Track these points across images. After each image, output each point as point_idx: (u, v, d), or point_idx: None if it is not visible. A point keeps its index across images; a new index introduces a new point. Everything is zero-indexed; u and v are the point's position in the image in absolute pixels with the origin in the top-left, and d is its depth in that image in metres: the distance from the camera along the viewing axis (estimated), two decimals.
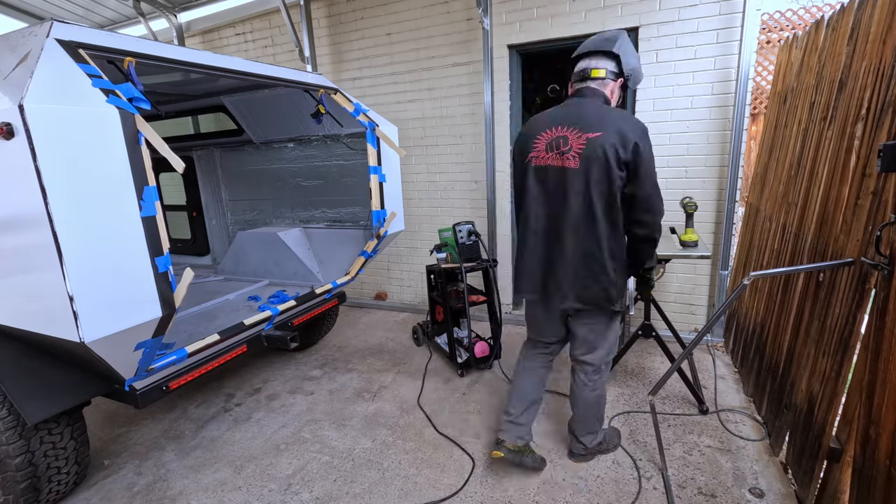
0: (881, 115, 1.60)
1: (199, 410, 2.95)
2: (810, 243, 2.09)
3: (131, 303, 1.72)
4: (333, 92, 3.00)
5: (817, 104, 2.25)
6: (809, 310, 2.02)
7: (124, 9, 4.86)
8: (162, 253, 1.78)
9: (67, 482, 2.15)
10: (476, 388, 3.04)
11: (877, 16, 1.71)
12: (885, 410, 1.39)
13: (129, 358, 1.85)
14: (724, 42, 3.10)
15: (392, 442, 2.53)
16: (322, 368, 3.44)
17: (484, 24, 3.58)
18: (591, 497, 2.06)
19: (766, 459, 2.23)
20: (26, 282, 1.70)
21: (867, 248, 1.59)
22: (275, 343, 2.68)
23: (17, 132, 1.44)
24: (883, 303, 1.46)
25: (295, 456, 2.46)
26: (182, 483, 2.31)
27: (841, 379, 1.70)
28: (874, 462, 1.43)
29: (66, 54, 1.61)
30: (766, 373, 2.46)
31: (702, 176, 3.34)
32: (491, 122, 3.81)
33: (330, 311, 3.67)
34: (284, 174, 3.82)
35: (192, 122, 4.69)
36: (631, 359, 3.28)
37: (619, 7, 3.30)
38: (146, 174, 1.71)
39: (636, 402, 2.77)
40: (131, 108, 1.69)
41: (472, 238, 3.13)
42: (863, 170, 1.69)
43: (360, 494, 2.16)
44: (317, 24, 4.40)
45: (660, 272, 2.72)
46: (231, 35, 4.90)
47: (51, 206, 1.48)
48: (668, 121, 3.34)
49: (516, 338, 3.80)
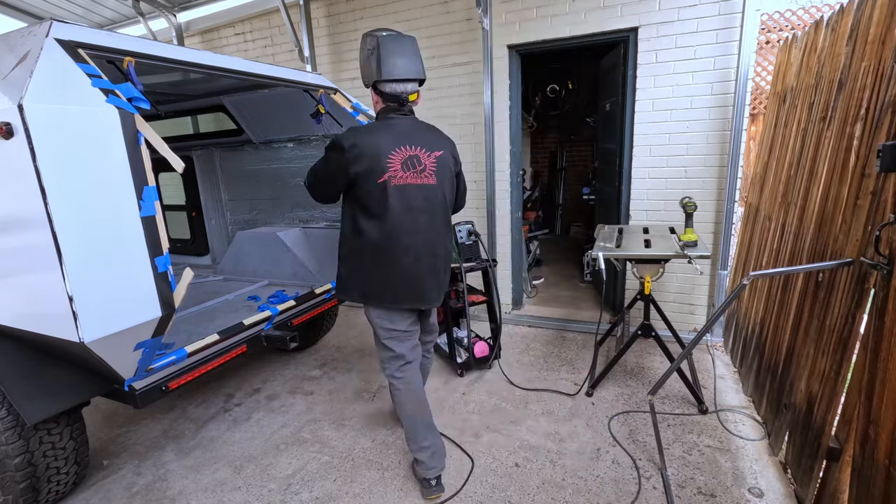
0: (880, 116, 1.60)
1: (199, 410, 2.95)
2: (809, 243, 2.09)
3: (131, 303, 1.72)
4: (333, 92, 3.00)
5: (817, 104, 2.25)
6: (809, 309, 2.02)
7: (124, 8, 4.86)
8: (161, 253, 1.77)
9: (67, 482, 2.15)
10: (475, 388, 3.04)
11: (876, 16, 1.71)
12: (884, 410, 1.39)
13: (129, 358, 1.85)
14: (723, 42, 3.10)
15: (392, 442, 2.53)
16: (322, 368, 3.44)
17: (484, 25, 3.58)
18: (591, 497, 2.07)
19: (766, 459, 2.23)
20: (26, 282, 1.70)
21: (866, 248, 1.59)
22: (274, 343, 2.67)
23: (17, 132, 1.44)
24: (882, 302, 1.46)
25: (294, 456, 2.46)
26: (181, 483, 2.30)
27: (840, 378, 1.70)
28: (873, 461, 1.43)
29: (66, 54, 1.60)
30: (765, 372, 2.46)
31: (701, 176, 3.34)
32: (491, 122, 3.81)
33: (329, 311, 3.66)
34: (284, 174, 3.82)
35: (192, 122, 4.69)
36: (630, 359, 3.28)
37: (618, 7, 3.30)
38: (146, 174, 1.71)
39: (636, 401, 2.77)
40: (131, 108, 1.68)
41: (472, 238, 3.13)
42: (862, 170, 1.69)
43: (359, 494, 2.16)
44: (316, 23, 4.40)
45: (659, 272, 2.72)
46: (230, 35, 4.89)
47: (50, 206, 1.47)
48: (667, 121, 3.34)
49: (516, 338, 3.80)
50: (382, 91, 1.93)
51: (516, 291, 4.28)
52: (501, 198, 4.03)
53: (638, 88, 3.37)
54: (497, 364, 3.30)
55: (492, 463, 2.32)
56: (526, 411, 2.74)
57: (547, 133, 7.50)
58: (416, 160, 1.92)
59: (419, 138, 1.95)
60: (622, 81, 3.51)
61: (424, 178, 1.94)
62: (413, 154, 1.92)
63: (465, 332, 3.32)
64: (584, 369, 3.20)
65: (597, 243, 2.76)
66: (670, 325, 3.14)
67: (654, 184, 3.48)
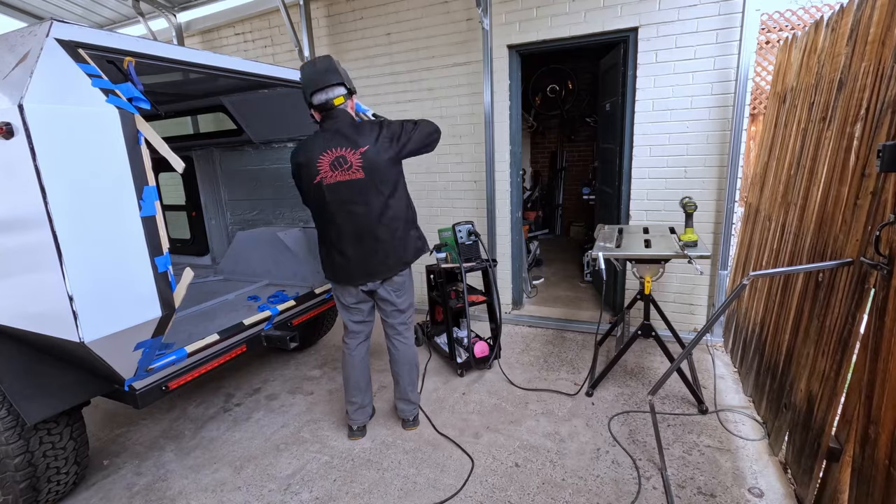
0: (880, 116, 1.60)
1: (199, 410, 2.95)
2: (810, 243, 2.09)
3: (131, 303, 1.72)
4: None
5: (817, 104, 2.25)
6: (809, 309, 2.02)
7: (124, 8, 4.86)
8: (161, 253, 1.77)
9: (67, 482, 2.15)
10: (475, 388, 3.04)
11: (876, 16, 1.71)
12: (884, 410, 1.39)
13: (129, 358, 1.85)
14: (723, 42, 3.10)
15: (392, 442, 2.53)
16: (322, 368, 3.44)
17: (484, 25, 3.58)
18: (591, 497, 2.07)
19: (766, 459, 2.23)
20: (26, 282, 1.70)
21: (866, 248, 1.59)
22: (274, 343, 2.68)
23: (17, 132, 1.44)
24: (882, 302, 1.46)
25: (294, 456, 2.46)
26: (181, 483, 2.30)
27: (840, 378, 1.70)
28: (873, 461, 1.43)
29: (66, 54, 1.61)
30: (765, 372, 2.46)
31: (701, 176, 3.34)
32: (491, 122, 3.81)
33: (329, 311, 3.66)
34: (284, 174, 3.81)
35: (192, 122, 4.69)
36: (630, 359, 3.28)
37: (618, 7, 3.30)
38: (146, 174, 1.71)
39: (636, 401, 2.77)
40: (131, 108, 1.69)
41: (472, 238, 3.13)
42: (862, 170, 1.69)
43: (359, 494, 2.16)
44: (316, 24, 4.40)
45: (659, 272, 2.72)
46: (230, 35, 4.89)
47: (50, 206, 1.48)
48: (667, 121, 3.34)
49: (516, 338, 3.80)
50: (313, 104, 2.23)
51: (516, 291, 4.28)
52: (501, 198, 4.03)
53: (638, 88, 3.37)
54: (497, 364, 3.30)
55: (492, 463, 2.32)
56: (526, 411, 2.74)
57: (547, 133, 7.50)
58: (342, 160, 2.17)
59: (344, 140, 2.18)
60: (622, 81, 3.51)
61: (352, 174, 2.17)
62: (339, 154, 2.17)
63: (465, 332, 3.32)
64: (584, 369, 3.20)
65: (597, 243, 2.76)
66: (670, 325, 3.14)
67: (654, 184, 3.48)
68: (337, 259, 2.32)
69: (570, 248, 6.56)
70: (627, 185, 3.59)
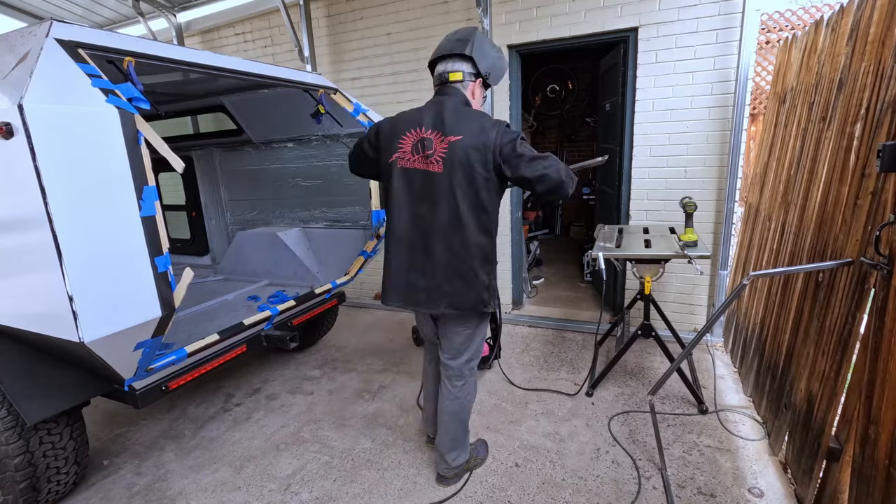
0: (880, 116, 1.60)
1: (199, 410, 2.95)
2: (809, 243, 2.09)
3: (131, 303, 1.72)
4: (333, 92, 3.00)
5: (817, 104, 2.25)
6: (809, 309, 2.02)
7: (123, 8, 4.85)
8: (161, 253, 1.77)
9: (67, 482, 2.15)
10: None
11: (876, 16, 1.71)
12: (884, 410, 1.39)
13: (129, 358, 1.85)
14: (723, 42, 3.10)
15: (392, 442, 2.53)
16: (322, 368, 3.44)
17: (484, 25, 3.58)
18: (591, 497, 2.07)
19: (766, 459, 2.23)
20: (26, 282, 1.70)
21: (866, 248, 1.59)
22: (274, 343, 2.68)
23: (17, 132, 1.44)
24: (882, 302, 1.46)
25: (294, 456, 2.46)
26: (181, 483, 2.30)
27: (840, 378, 1.70)
28: (873, 461, 1.43)
29: (66, 54, 1.60)
30: (765, 372, 2.46)
31: (701, 176, 3.34)
32: None
33: (329, 311, 3.66)
34: (284, 174, 3.82)
35: (192, 122, 4.68)
36: (630, 359, 3.28)
37: (618, 7, 3.30)
38: (146, 174, 1.71)
39: (636, 401, 2.77)
40: (131, 108, 1.68)
41: None
42: (862, 170, 1.69)
43: (359, 494, 2.16)
44: (316, 23, 4.40)
45: (659, 272, 2.72)
46: (230, 35, 4.89)
47: (50, 206, 1.47)
48: (667, 121, 3.34)
49: (516, 338, 3.80)
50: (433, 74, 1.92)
51: (516, 291, 4.28)
52: None
53: (638, 88, 3.37)
54: (497, 364, 3.30)
55: (492, 463, 2.32)
56: (526, 411, 2.74)
57: (547, 133, 7.50)
58: (426, 143, 1.77)
59: (439, 121, 1.77)
60: (622, 81, 3.51)
61: (429, 165, 1.77)
62: (425, 137, 1.77)
63: None
64: (584, 369, 3.20)
65: (597, 243, 2.76)
66: (670, 325, 3.14)
67: (654, 184, 3.48)
68: (387, 267, 1.92)
69: (570, 248, 6.56)
70: (627, 185, 3.59)
